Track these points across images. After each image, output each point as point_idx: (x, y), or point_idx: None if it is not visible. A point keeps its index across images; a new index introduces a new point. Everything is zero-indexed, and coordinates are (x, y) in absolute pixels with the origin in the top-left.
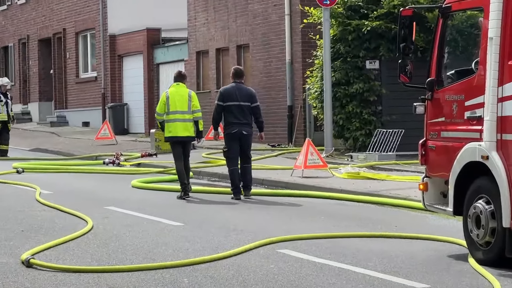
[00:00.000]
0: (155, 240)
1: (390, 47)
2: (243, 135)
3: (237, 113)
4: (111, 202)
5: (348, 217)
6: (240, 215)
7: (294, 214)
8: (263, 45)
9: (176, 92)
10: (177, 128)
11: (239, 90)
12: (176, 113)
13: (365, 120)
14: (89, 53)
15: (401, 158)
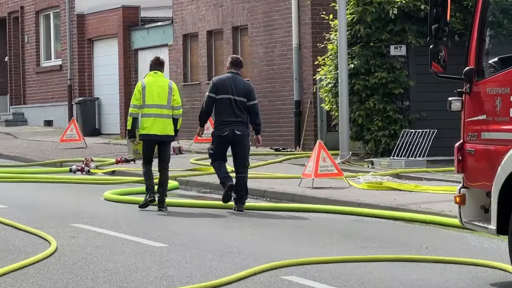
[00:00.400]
0: (133, 264)
1: (420, 30)
2: (236, 136)
3: (230, 109)
4: (80, 218)
5: (368, 236)
6: (236, 234)
7: (302, 233)
8: (265, 27)
9: (154, 82)
10: (153, 125)
11: (235, 83)
12: (153, 106)
13: (389, 118)
14: (53, 36)
15: (433, 165)
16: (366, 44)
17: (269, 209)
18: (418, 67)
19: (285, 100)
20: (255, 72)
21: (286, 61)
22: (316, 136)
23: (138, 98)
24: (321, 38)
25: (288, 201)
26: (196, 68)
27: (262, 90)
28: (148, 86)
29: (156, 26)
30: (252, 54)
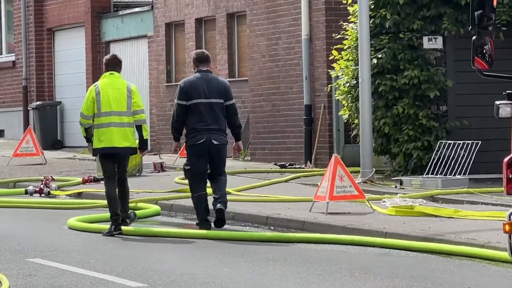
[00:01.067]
0: None
1: (459, 17)
2: (214, 147)
3: (205, 115)
4: (38, 252)
5: (397, 273)
6: (233, 272)
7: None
8: (267, 14)
9: (110, 85)
10: (112, 136)
11: (208, 82)
12: (111, 114)
13: (422, 127)
14: (4, 26)
15: (476, 184)
16: (393, 34)
17: (273, 240)
18: (458, 64)
19: (293, 105)
20: (256, 70)
21: (294, 56)
22: (332, 150)
23: (90, 108)
24: (337, 27)
25: (296, 230)
26: (183, 64)
27: (264, 92)
28: (103, 90)
29: (132, 13)
30: (252, 48)
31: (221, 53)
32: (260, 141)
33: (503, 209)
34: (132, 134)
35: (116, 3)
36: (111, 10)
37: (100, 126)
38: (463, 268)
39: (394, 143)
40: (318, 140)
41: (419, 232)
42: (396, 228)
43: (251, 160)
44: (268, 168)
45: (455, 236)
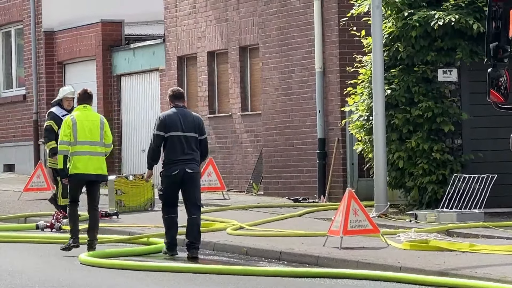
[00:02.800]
0: None
1: (474, 49)
2: (188, 175)
3: (181, 147)
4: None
5: None
6: None
7: None
8: (280, 46)
9: (85, 116)
10: (87, 164)
11: (184, 117)
12: (86, 144)
13: (436, 161)
14: (14, 59)
15: (492, 218)
16: (407, 67)
17: (287, 275)
18: (473, 96)
19: (307, 138)
20: (269, 104)
21: (307, 89)
22: (346, 183)
23: (68, 134)
24: (351, 60)
25: (311, 265)
26: (195, 98)
27: (277, 125)
28: (79, 121)
29: (144, 46)
30: (265, 81)
31: (233, 86)
32: (273, 175)
33: None
34: (103, 162)
35: (127, 36)
36: (122, 43)
37: (76, 154)
38: None
39: (409, 177)
40: (331, 174)
41: (434, 266)
42: (411, 262)
43: (264, 195)
44: (281, 202)
45: (471, 270)
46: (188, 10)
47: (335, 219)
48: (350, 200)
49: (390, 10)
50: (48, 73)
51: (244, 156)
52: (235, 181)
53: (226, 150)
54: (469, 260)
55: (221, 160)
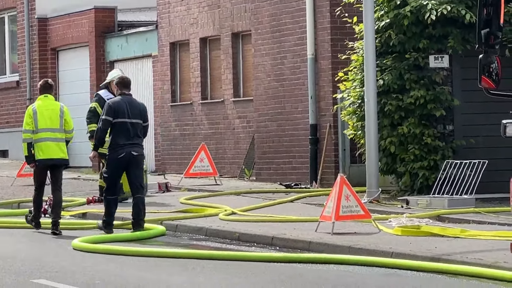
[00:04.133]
0: None
1: (466, 36)
2: (133, 157)
3: (127, 133)
4: (43, 273)
5: None
6: None
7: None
8: (272, 33)
9: (45, 106)
10: (49, 149)
11: (130, 104)
12: (47, 130)
13: (428, 147)
14: (8, 46)
15: (483, 204)
16: (399, 54)
17: (279, 260)
18: (465, 83)
19: (298, 124)
20: (261, 90)
21: (299, 75)
22: (337, 169)
23: (29, 123)
24: (342, 47)
25: (302, 250)
26: (187, 84)
27: (269, 111)
28: (39, 110)
29: (136, 32)
30: (257, 67)
31: (226, 72)
32: (265, 161)
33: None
34: (64, 147)
35: (120, 22)
36: (115, 29)
37: (38, 141)
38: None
39: (400, 162)
40: (323, 159)
41: (425, 252)
42: (402, 248)
43: (256, 180)
44: (273, 188)
45: (462, 256)
46: None
47: (327, 204)
48: (342, 186)
49: None
50: (42, 60)
51: (236, 141)
52: (227, 167)
53: (218, 136)
54: (460, 246)
55: (213, 146)
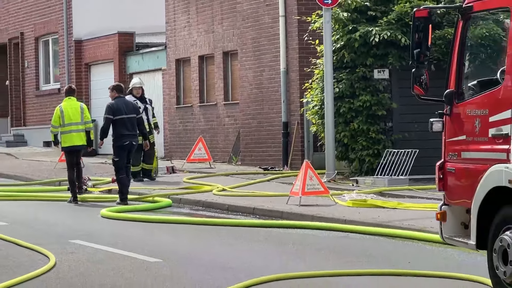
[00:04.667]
0: (129, 279)
1: (402, 55)
2: (133, 146)
3: (125, 126)
4: (77, 235)
5: (354, 252)
6: (227, 250)
7: (291, 248)
8: (254, 52)
9: (69, 106)
10: (72, 138)
11: (125, 104)
12: (71, 124)
13: (372, 139)
14: (51, 61)
15: (415, 183)
16: (351, 68)
17: (258, 225)
18: (401, 90)
19: (274, 122)
20: (245, 95)
21: (274, 84)
22: (303, 156)
23: (57, 121)
24: (307, 63)
25: (276, 218)
26: (189, 91)
27: (251, 112)
28: (65, 110)
29: (150, 51)
30: (242, 78)
31: (218, 82)
32: (248, 150)
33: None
34: (84, 136)
35: (138, 44)
36: (133, 49)
37: (65, 132)
38: (405, 247)
39: (351, 151)
40: (293, 149)
41: (371, 219)
42: (353, 216)
43: (242, 165)
44: (254, 170)
45: (399, 222)
46: (184, 24)
47: (295, 183)
48: (307, 169)
49: (338, 25)
50: (77, 72)
51: (226, 135)
52: (219, 154)
53: (212, 130)
54: (397, 215)
55: (208, 138)
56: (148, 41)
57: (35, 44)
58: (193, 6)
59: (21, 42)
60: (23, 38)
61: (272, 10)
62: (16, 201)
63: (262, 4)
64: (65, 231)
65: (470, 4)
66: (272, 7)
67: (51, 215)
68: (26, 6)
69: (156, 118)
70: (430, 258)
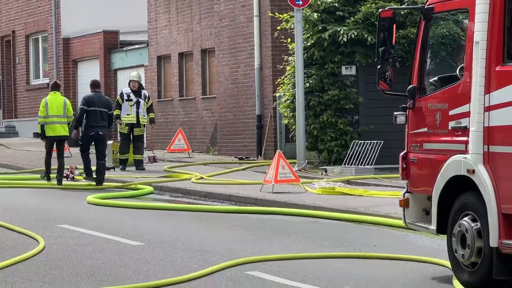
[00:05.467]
0: (113, 261)
1: (368, 53)
2: (100, 136)
3: (96, 118)
4: (65, 220)
5: (323, 236)
6: (205, 234)
7: (264, 233)
8: (230, 50)
9: (54, 99)
10: (56, 129)
11: (99, 98)
12: (55, 116)
13: (340, 131)
14: (41, 57)
15: (380, 172)
16: (320, 65)
17: (234, 211)
18: (367, 85)
19: (248, 115)
20: (221, 90)
21: (249, 79)
22: (276, 147)
23: (42, 111)
24: (280, 60)
25: (251, 204)
26: (169, 86)
27: (227, 105)
28: (50, 102)
29: (133, 49)
30: (219, 74)
31: (196, 77)
32: (225, 140)
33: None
34: (66, 127)
35: (122, 41)
36: (118, 46)
37: (49, 123)
38: (370, 232)
39: (321, 142)
40: (266, 140)
41: (339, 206)
42: (322, 203)
43: (218, 154)
44: (230, 160)
45: (365, 209)
46: (164, 23)
47: (268, 172)
48: (279, 159)
49: (308, 24)
50: (65, 68)
51: (203, 127)
52: (197, 145)
53: (191, 122)
54: (363, 201)
55: (188, 129)
56: (131, 39)
57: (25, 41)
58: (173, 7)
59: (13, 39)
60: (15, 36)
61: (247, 11)
62: (7, 189)
63: (238, 5)
64: (53, 217)
65: (431, 5)
66: (247, 8)
67: (40, 202)
68: (17, 6)
69: (153, 114)
70: (393, 242)
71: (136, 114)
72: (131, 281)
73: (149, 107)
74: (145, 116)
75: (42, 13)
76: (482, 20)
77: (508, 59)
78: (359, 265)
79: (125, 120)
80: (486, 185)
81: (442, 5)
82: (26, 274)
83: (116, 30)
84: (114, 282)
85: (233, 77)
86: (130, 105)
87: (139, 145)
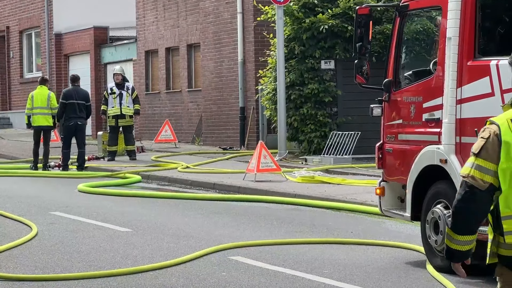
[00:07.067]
0: (102, 246)
1: (346, 47)
2: (79, 126)
3: (74, 110)
4: (57, 207)
5: (302, 222)
6: (190, 221)
7: (247, 219)
8: (214, 44)
9: (40, 93)
10: (39, 120)
11: (77, 91)
12: (39, 108)
13: (320, 122)
14: (34, 52)
15: (357, 162)
16: (300, 59)
17: (218, 199)
18: (345, 79)
19: (232, 107)
20: (206, 83)
21: (233, 73)
22: (258, 137)
23: (29, 103)
24: (262, 54)
25: (234, 193)
26: (157, 79)
27: (212, 98)
28: (35, 96)
29: (122, 44)
30: (204, 68)
31: (183, 71)
32: (209, 131)
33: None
34: (50, 118)
35: (111, 37)
36: (108, 42)
37: (34, 114)
38: (348, 219)
39: (301, 133)
40: (249, 131)
41: (318, 194)
42: (302, 191)
43: (204, 145)
44: (215, 150)
45: (343, 196)
46: (152, 19)
47: (251, 161)
48: (261, 149)
49: (289, 18)
50: (57, 62)
51: (189, 118)
52: (183, 135)
53: (177, 114)
54: (342, 190)
55: (174, 121)
56: (120, 34)
57: (19, 37)
58: (160, 4)
59: (7, 35)
60: (9, 31)
61: (231, 8)
62: (1, 178)
63: (222, 2)
64: (45, 204)
65: (406, 3)
66: (231, 5)
67: (33, 190)
68: (12, 3)
69: (138, 105)
70: (370, 228)
71: (120, 106)
72: (120, 265)
73: (135, 98)
74: (129, 107)
75: (35, 10)
76: (454, 17)
77: (479, 54)
78: (337, 250)
79: (110, 112)
80: (458, 174)
81: (416, 3)
82: (19, 259)
83: (106, 26)
84: (104, 267)
85: (217, 71)
86: (114, 98)
87: (129, 136)
